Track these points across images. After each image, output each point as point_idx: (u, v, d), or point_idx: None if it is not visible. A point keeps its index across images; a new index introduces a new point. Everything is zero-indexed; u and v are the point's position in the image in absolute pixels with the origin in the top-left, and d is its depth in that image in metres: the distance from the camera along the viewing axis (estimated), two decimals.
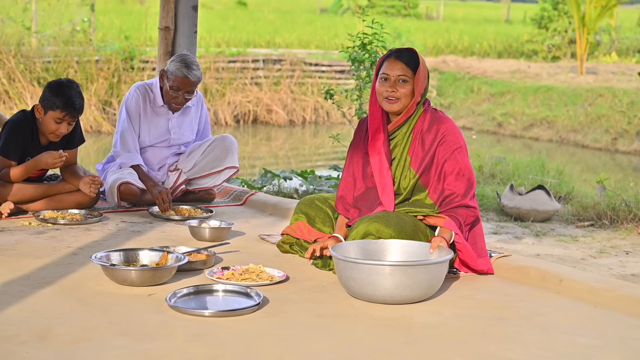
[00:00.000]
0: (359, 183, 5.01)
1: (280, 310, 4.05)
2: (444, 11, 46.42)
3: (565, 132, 19.05)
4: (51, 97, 5.86)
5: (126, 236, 5.61)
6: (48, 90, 5.90)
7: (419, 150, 4.84)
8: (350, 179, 5.06)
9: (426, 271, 4.18)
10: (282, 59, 21.63)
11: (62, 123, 5.92)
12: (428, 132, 4.84)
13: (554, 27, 28.13)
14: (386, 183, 4.86)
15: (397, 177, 4.87)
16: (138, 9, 32.57)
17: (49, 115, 5.89)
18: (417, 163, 4.83)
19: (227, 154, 6.76)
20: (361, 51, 8.32)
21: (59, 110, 5.87)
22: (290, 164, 16.34)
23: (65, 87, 5.89)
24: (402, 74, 4.79)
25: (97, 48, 19.18)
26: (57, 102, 5.85)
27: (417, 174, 4.81)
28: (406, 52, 4.85)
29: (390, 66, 4.82)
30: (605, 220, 8.71)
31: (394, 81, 4.80)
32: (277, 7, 45.38)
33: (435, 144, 4.81)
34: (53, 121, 5.90)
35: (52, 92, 5.87)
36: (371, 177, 4.95)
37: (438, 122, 4.85)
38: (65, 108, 5.87)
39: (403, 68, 4.80)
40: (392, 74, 4.80)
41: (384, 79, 4.83)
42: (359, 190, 5.01)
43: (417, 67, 4.81)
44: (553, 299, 4.46)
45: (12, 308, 3.90)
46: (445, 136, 4.81)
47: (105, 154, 14.22)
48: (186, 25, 7.54)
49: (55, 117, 5.89)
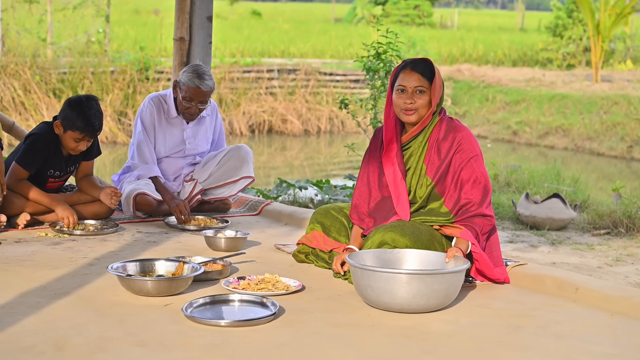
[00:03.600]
0: (375, 192, 5.01)
1: (296, 320, 4.05)
2: (458, 20, 46.46)
3: (581, 140, 19.01)
4: (71, 117, 5.85)
5: (142, 246, 5.62)
6: (68, 108, 5.89)
7: (435, 159, 4.83)
8: (365, 188, 5.05)
9: (443, 280, 4.18)
10: (297, 69, 21.66)
11: (81, 142, 5.95)
12: (444, 140, 4.83)
13: (568, 35, 28.11)
14: (401, 193, 4.85)
15: (413, 186, 4.86)
16: (153, 19, 32.71)
17: (68, 135, 5.91)
18: (433, 171, 4.82)
19: (243, 163, 6.77)
20: (376, 60, 8.34)
21: (78, 132, 5.88)
22: (305, 173, 16.35)
23: (85, 106, 5.88)
24: (418, 85, 4.78)
25: (112, 59, 19.25)
26: (76, 123, 5.85)
27: (433, 182, 4.80)
28: (421, 62, 4.84)
29: (406, 78, 4.81)
30: (621, 228, 8.69)
31: (411, 93, 4.79)
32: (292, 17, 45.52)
33: (451, 153, 4.80)
34: (72, 140, 5.92)
35: (72, 112, 5.86)
36: (387, 186, 4.94)
37: (454, 130, 4.84)
38: (84, 130, 5.88)
39: (419, 79, 4.79)
40: (408, 85, 4.79)
41: (401, 91, 4.81)
42: (375, 200, 5.00)
43: (432, 77, 4.80)
44: (569, 307, 4.44)
45: (29, 319, 3.91)
46: (461, 144, 4.80)
47: (120, 164, 14.26)
48: (201, 36, 7.56)
49: (74, 137, 5.90)
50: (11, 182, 5.91)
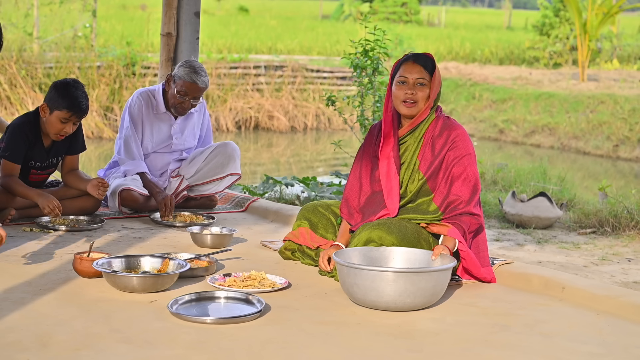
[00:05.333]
0: (366, 187, 5.01)
1: (282, 317, 4.04)
2: (445, 18, 46.49)
3: (567, 139, 19.05)
4: (57, 97, 5.86)
5: (128, 242, 5.60)
6: (54, 90, 5.90)
7: (428, 155, 4.84)
8: (357, 182, 5.05)
9: (430, 278, 4.18)
10: (284, 65, 21.64)
11: (67, 123, 5.92)
12: (439, 137, 4.84)
13: (555, 34, 28.15)
14: (392, 186, 4.85)
15: (405, 180, 4.87)
16: (140, 15, 32.62)
17: (54, 115, 5.89)
18: (425, 166, 4.83)
19: (229, 160, 6.77)
20: (363, 57, 8.33)
21: (65, 110, 5.86)
22: (291, 170, 16.34)
23: (72, 87, 5.89)
24: (420, 77, 4.81)
25: (99, 54, 19.19)
26: (63, 102, 5.85)
27: (425, 177, 4.81)
28: (423, 56, 4.88)
29: (408, 69, 4.83)
30: (607, 227, 8.70)
31: (412, 84, 4.81)
32: (279, 14, 45.46)
33: (445, 149, 4.81)
34: (59, 121, 5.90)
35: (58, 92, 5.87)
36: (378, 181, 4.94)
37: (449, 128, 4.86)
38: (71, 108, 5.87)
39: (421, 71, 4.81)
40: (410, 77, 4.81)
41: (402, 82, 4.83)
42: (365, 194, 5.00)
43: (433, 71, 4.83)
44: (555, 306, 4.45)
45: (13, 314, 3.89)
46: (455, 142, 4.81)
47: (106, 160, 14.22)
48: (188, 32, 7.55)
49: (61, 117, 5.88)
50: (2, 178, 5.89)
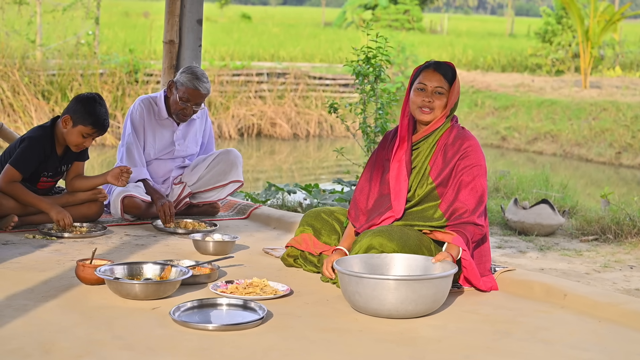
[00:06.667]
0: (375, 189, 5.01)
1: (284, 324, 4.04)
2: (447, 25, 46.54)
3: (569, 146, 19.05)
4: (83, 112, 5.88)
5: (130, 249, 5.61)
6: (80, 104, 5.92)
7: (439, 162, 4.85)
8: (367, 184, 5.06)
9: (431, 285, 4.18)
10: (286, 73, 21.66)
11: (88, 138, 5.96)
12: (452, 145, 4.85)
13: (557, 41, 28.17)
14: (401, 188, 4.86)
15: (414, 185, 4.87)
16: (142, 22, 32.67)
17: (77, 129, 5.91)
18: (435, 173, 4.84)
19: (232, 167, 6.77)
20: (365, 65, 8.33)
21: (90, 127, 5.90)
22: (294, 177, 16.34)
23: (97, 103, 5.94)
24: (439, 86, 4.82)
25: (102, 61, 19.22)
26: (90, 118, 5.89)
27: (435, 183, 4.82)
28: (444, 65, 4.90)
29: (428, 77, 4.85)
30: (609, 234, 8.70)
31: (430, 92, 4.82)
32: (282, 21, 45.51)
33: (456, 158, 4.82)
34: (80, 135, 5.93)
35: (84, 108, 5.90)
36: (388, 184, 4.94)
37: (462, 138, 4.87)
38: (96, 125, 5.91)
39: (441, 80, 4.83)
40: (429, 84, 4.83)
41: (421, 89, 4.85)
42: (374, 196, 5.00)
43: (453, 81, 4.85)
44: (557, 313, 4.45)
45: (16, 322, 3.89)
46: (467, 151, 4.82)
47: (109, 166, 14.22)
48: (191, 39, 7.56)
49: (84, 132, 5.91)
50: (3, 184, 5.90)
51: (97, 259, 4.73)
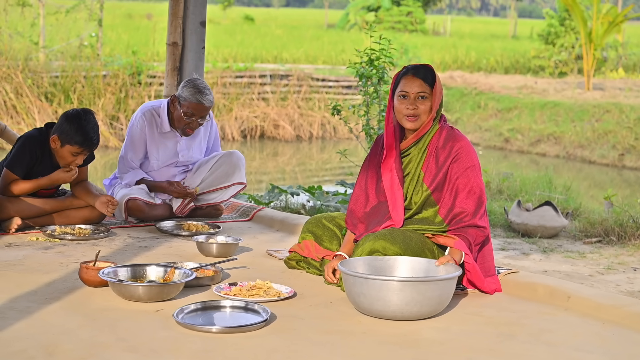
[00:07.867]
0: (372, 197, 4.99)
1: (288, 326, 4.04)
2: (450, 27, 46.55)
3: (573, 148, 19.04)
4: (69, 132, 5.83)
5: (133, 252, 5.61)
6: (66, 122, 5.86)
7: (432, 167, 4.82)
8: (362, 193, 5.03)
9: (436, 287, 4.17)
10: (289, 74, 21.67)
11: (78, 156, 5.94)
12: (443, 149, 4.81)
13: (560, 43, 28.15)
14: (397, 199, 4.84)
15: (410, 192, 4.85)
16: (146, 24, 32.70)
17: (66, 149, 5.89)
18: (429, 179, 4.81)
19: (235, 169, 6.76)
20: (368, 67, 8.33)
21: (77, 146, 5.87)
22: (297, 179, 16.35)
23: (83, 120, 5.86)
24: (421, 91, 4.78)
25: (105, 63, 19.24)
26: (75, 137, 5.84)
27: (430, 189, 4.79)
28: (422, 68, 4.84)
29: (408, 83, 4.80)
30: (612, 236, 8.70)
31: (413, 98, 4.78)
32: (285, 23, 45.54)
33: (449, 161, 4.79)
34: (70, 154, 5.91)
35: (70, 126, 5.84)
36: (384, 192, 4.92)
37: (453, 139, 4.83)
38: (83, 143, 5.87)
39: (422, 84, 4.78)
40: (411, 91, 4.78)
41: (403, 97, 4.80)
42: (371, 204, 4.98)
43: (434, 83, 4.81)
44: (561, 315, 4.44)
45: (19, 323, 3.89)
46: (459, 154, 4.78)
47: (112, 169, 14.24)
48: (194, 41, 7.56)
49: (72, 151, 5.89)
50: (3, 187, 5.90)
51: (101, 261, 4.73)
